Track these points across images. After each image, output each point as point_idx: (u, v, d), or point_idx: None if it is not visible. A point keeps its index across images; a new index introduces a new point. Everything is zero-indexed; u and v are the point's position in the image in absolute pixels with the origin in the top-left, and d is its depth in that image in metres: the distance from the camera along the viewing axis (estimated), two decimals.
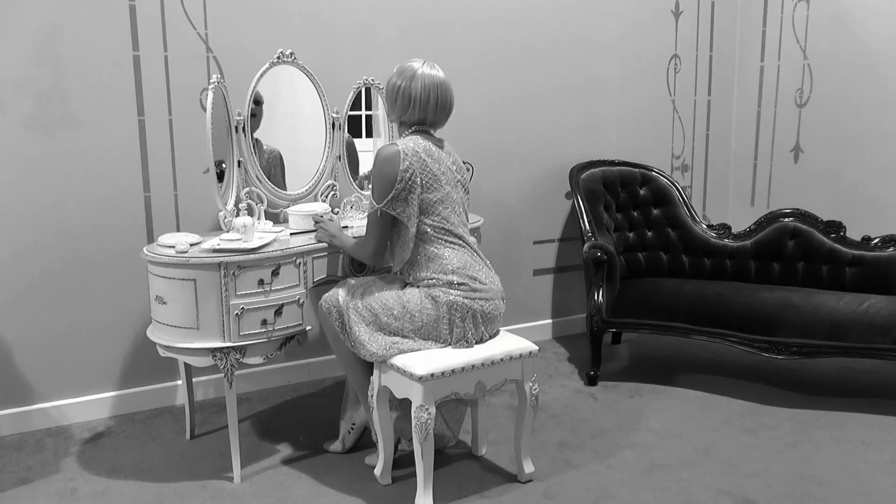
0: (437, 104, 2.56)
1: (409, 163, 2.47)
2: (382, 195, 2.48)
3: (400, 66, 2.59)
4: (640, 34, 4.24)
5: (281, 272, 2.64)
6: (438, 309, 2.49)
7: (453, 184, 2.60)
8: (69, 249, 3.06)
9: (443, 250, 2.54)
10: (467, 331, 2.51)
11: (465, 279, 2.52)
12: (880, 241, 3.54)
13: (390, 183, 2.47)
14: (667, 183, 4.03)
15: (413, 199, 2.49)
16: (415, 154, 2.49)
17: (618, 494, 2.56)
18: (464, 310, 2.49)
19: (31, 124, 2.95)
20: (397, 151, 2.48)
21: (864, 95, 4.01)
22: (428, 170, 2.51)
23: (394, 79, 2.58)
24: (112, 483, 2.67)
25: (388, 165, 2.47)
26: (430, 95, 2.53)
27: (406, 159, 2.47)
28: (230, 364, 2.58)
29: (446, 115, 2.62)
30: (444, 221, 2.54)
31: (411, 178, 2.47)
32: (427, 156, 2.51)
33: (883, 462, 2.77)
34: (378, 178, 2.50)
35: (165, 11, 3.10)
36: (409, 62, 2.58)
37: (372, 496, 2.56)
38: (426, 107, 2.55)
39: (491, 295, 2.56)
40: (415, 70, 2.54)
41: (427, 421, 2.37)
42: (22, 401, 3.08)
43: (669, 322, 3.46)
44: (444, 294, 2.49)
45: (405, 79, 2.54)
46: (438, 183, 2.53)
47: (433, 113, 2.57)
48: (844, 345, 3.17)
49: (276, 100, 3.10)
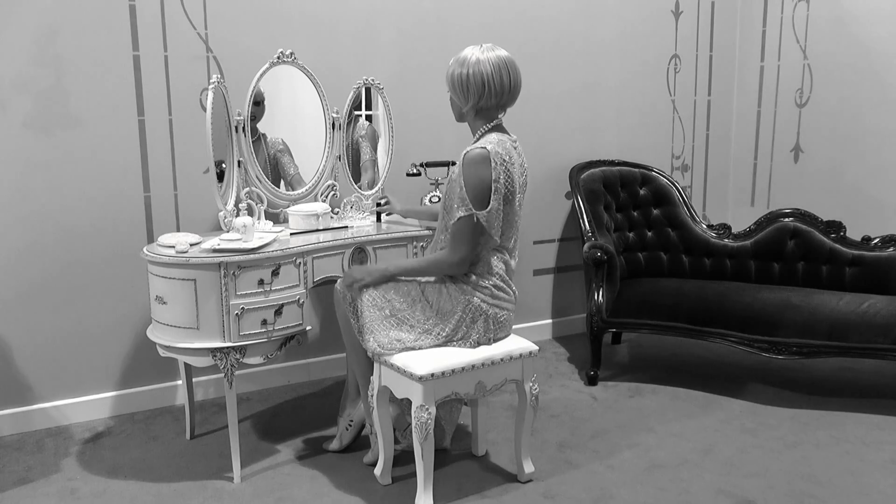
0: (510, 82, 2.48)
1: (498, 172, 2.40)
2: (481, 203, 2.40)
3: (456, 57, 2.50)
4: (640, 34, 4.24)
5: (281, 272, 2.64)
6: (455, 304, 2.49)
7: (522, 191, 2.55)
8: (69, 249, 3.06)
9: (493, 256, 2.51)
10: (475, 332, 2.51)
11: (490, 286, 2.50)
12: (880, 241, 3.54)
13: (487, 188, 2.39)
14: (667, 183, 4.03)
15: (500, 208, 2.44)
16: (503, 164, 2.41)
17: (618, 494, 2.56)
18: (477, 312, 2.49)
19: (31, 124, 2.95)
20: (487, 156, 2.39)
21: (864, 95, 4.01)
22: (511, 180, 2.44)
23: (457, 69, 2.47)
24: (112, 483, 2.67)
25: (484, 169, 2.39)
26: (501, 74, 2.45)
27: (496, 168, 2.40)
28: (230, 364, 2.58)
29: (517, 94, 2.54)
30: (509, 239, 2.52)
31: (498, 188, 2.42)
32: (510, 163, 2.44)
33: (883, 462, 2.77)
34: (473, 183, 2.40)
35: (165, 11, 3.10)
36: (465, 51, 2.48)
37: (372, 496, 2.56)
38: (501, 86, 2.46)
39: (509, 306, 2.57)
40: (476, 55, 2.46)
41: (427, 421, 2.37)
42: (22, 401, 3.08)
43: (669, 322, 3.46)
44: (467, 294, 2.48)
45: (469, 65, 2.45)
46: (513, 195, 2.47)
47: (507, 94, 2.49)
48: (844, 345, 3.17)
49: (277, 100, 3.11)
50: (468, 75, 2.45)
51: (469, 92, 2.47)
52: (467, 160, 2.41)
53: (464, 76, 2.46)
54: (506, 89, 2.48)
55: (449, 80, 2.52)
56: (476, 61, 2.45)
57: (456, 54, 2.52)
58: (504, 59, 2.47)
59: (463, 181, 2.42)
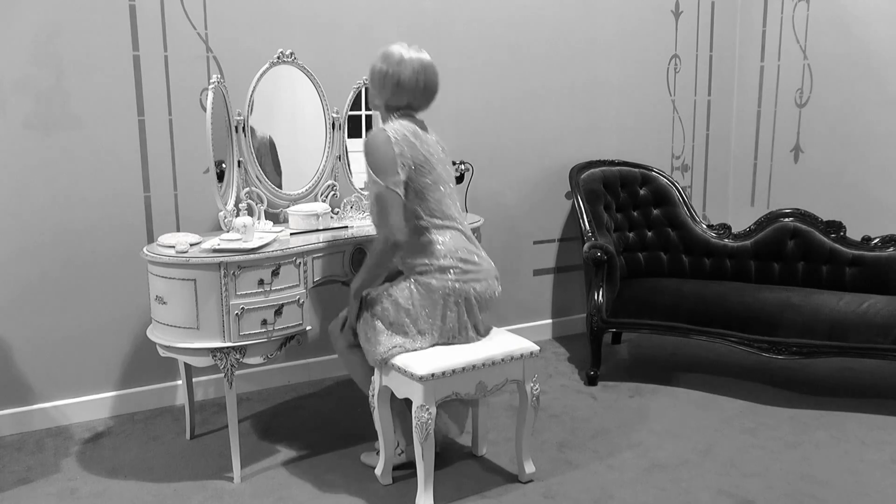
0: (424, 88, 2.55)
1: (401, 148, 2.46)
2: (389, 174, 2.44)
3: (384, 50, 2.56)
4: (640, 34, 4.24)
5: (281, 272, 2.64)
6: (433, 296, 2.49)
7: (443, 164, 2.60)
8: (69, 249, 3.06)
9: (435, 235, 2.53)
10: (462, 315, 2.51)
11: (456, 262, 2.51)
12: (880, 241, 3.54)
13: (392, 162, 2.44)
14: (667, 183, 4.03)
15: (409, 182, 2.48)
16: (405, 138, 2.48)
17: (618, 494, 2.56)
18: (457, 294, 2.49)
19: (31, 124, 2.95)
20: (388, 137, 2.46)
21: (864, 95, 4.01)
22: (419, 152, 2.49)
23: (379, 64, 2.54)
24: (112, 483, 2.67)
25: (385, 147, 2.45)
26: (418, 79, 2.52)
27: (397, 144, 2.46)
28: (230, 364, 2.58)
29: (432, 98, 2.61)
30: (438, 203, 2.54)
31: (404, 162, 2.46)
32: (415, 138, 2.50)
33: (883, 462, 2.77)
34: (379, 161, 2.45)
35: (165, 11, 3.10)
36: (393, 46, 2.55)
37: (372, 496, 2.56)
38: (414, 90, 2.53)
39: (483, 275, 2.56)
40: (401, 54, 2.52)
41: (427, 421, 2.37)
42: (22, 401, 3.08)
43: (669, 322, 3.46)
44: (439, 281, 2.49)
45: (392, 64, 2.51)
46: (430, 165, 2.52)
47: (420, 97, 2.56)
48: (844, 345, 3.17)
49: (276, 100, 3.10)
50: (386, 73, 2.52)
51: (385, 89, 2.54)
52: (365, 142, 2.50)
53: (382, 72, 2.53)
54: (419, 93, 2.55)
55: (370, 71, 2.58)
56: (398, 61, 2.51)
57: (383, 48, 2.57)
58: (425, 63, 2.54)
59: (366, 162, 2.48)
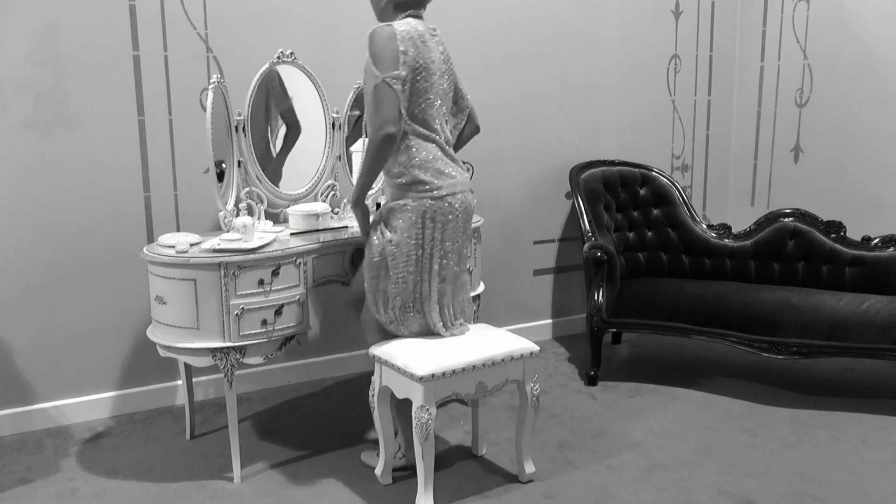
0: None
1: (405, 47, 2.45)
2: (388, 67, 2.44)
3: None
4: (640, 34, 4.24)
5: (281, 272, 2.64)
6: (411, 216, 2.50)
7: (440, 74, 2.59)
8: (69, 249, 3.06)
9: (414, 141, 2.52)
10: (436, 231, 2.52)
11: (430, 174, 2.51)
12: (880, 241, 3.54)
13: (394, 57, 2.44)
14: (667, 183, 4.03)
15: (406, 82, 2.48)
16: (410, 39, 2.46)
17: (618, 494, 2.56)
18: (433, 210, 2.51)
19: (31, 124, 2.95)
20: (394, 32, 2.45)
21: (864, 95, 4.01)
22: (421, 56, 2.48)
23: None
24: (112, 483, 2.67)
25: (390, 42, 2.44)
26: None
27: (402, 42, 2.45)
28: (230, 364, 2.58)
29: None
30: (423, 113, 2.53)
31: (405, 60, 2.45)
32: (421, 42, 2.50)
33: (883, 462, 2.77)
34: (380, 53, 2.45)
35: (165, 11, 3.10)
36: None
37: (372, 496, 2.56)
38: None
39: (459, 188, 2.57)
40: None
41: (427, 421, 2.37)
42: (22, 401, 3.08)
43: (669, 322, 3.46)
44: (415, 199, 2.50)
45: None
46: (428, 72, 2.51)
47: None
48: (844, 345, 3.17)
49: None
50: None
51: None
52: (374, 37, 2.47)
53: None
54: None
55: None
56: None
57: None
58: None
59: (369, 53, 2.47)
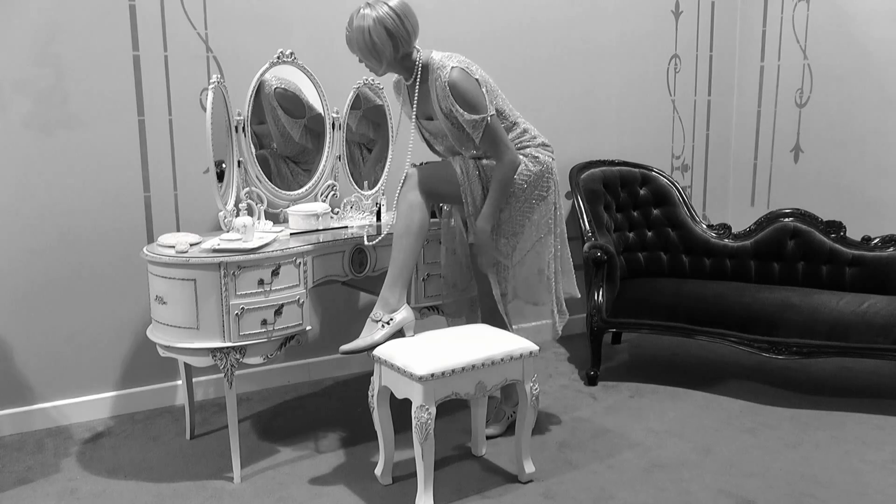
0: (411, 15, 2.65)
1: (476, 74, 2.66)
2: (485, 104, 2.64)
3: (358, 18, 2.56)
4: (640, 34, 4.24)
5: (281, 272, 2.64)
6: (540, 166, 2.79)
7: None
8: (69, 249, 3.06)
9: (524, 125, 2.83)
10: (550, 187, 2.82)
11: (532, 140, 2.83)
12: (880, 241, 3.54)
13: (482, 92, 2.65)
14: (667, 183, 4.03)
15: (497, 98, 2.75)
16: (468, 65, 2.66)
17: (618, 494, 2.56)
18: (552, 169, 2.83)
19: (31, 124, 2.95)
20: (464, 72, 2.62)
21: (864, 95, 4.01)
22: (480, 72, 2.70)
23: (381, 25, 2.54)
24: (112, 483, 2.67)
25: (469, 82, 2.62)
26: (406, 10, 2.62)
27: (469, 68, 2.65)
28: (230, 364, 2.58)
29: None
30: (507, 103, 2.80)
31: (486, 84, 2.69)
32: (471, 62, 2.70)
33: (883, 462, 2.77)
34: (472, 97, 2.61)
35: (165, 11, 3.10)
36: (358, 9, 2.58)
37: (372, 496, 2.56)
38: (414, 18, 2.64)
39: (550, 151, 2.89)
40: (383, 3, 2.57)
41: (427, 421, 2.37)
42: (22, 401, 3.08)
43: (669, 322, 3.46)
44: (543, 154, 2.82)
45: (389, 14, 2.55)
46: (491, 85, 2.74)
47: (415, 19, 2.66)
48: (844, 345, 3.17)
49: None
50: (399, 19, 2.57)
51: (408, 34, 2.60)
52: (451, 84, 2.59)
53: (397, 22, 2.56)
54: (416, 22, 2.64)
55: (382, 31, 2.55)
56: (388, 8, 2.56)
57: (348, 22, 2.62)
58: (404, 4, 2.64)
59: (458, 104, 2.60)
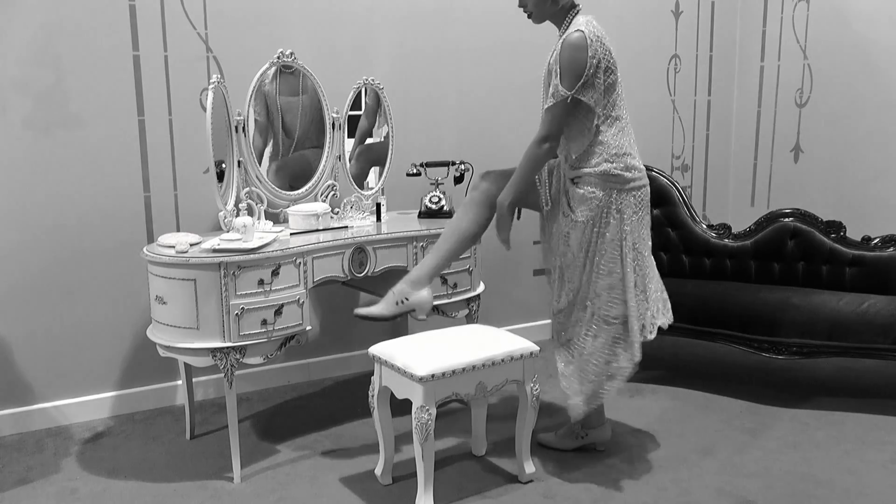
0: None
1: (595, 49, 2.50)
2: (573, 82, 2.51)
3: None
4: (639, 34, 4.24)
5: (281, 272, 2.64)
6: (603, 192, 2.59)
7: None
8: (69, 249, 3.06)
9: (605, 136, 2.59)
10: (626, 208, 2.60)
11: (619, 169, 2.58)
12: (880, 241, 3.54)
13: (581, 69, 2.50)
14: (667, 183, 4.02)
15: (599, 83, 2.54)
16: (598, 39, 2.52)
17: (618, 494, 2.56)
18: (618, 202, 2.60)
19: (31, 124, 2.95)
20: (583, 37, 2.50)
21: (864, 95, 4.01)
22: (608, 52, 2.55)
23: None
24: (112, 483, 2.67)
25: (579, 52, 2.49)
26: None
27: (591, 46, 2.50)
28: (230, 364, 2.58)
29: None
30: (614, 104, 2.61)
31: (598, 63, 2.52)
32: (604, 37, 2.56)
33: (883, 462, 2.77)
34: (568, 65, 2.51)
35: (165, 11, 3.10)
36: None
37: (372, 496, 2.56)
38: None
39: (643, 181, 2.66)
40: None
41: (427, 421, 2.37)
42: (22, 401, 3.08)
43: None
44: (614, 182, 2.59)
45: None
46: (615, 65, 2.59)
47: None
48: (844, 345, 3.17)
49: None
50: None
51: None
52: (566, 44, 2.51)
53: None
54: None
55: None
56: None
57: None
58: None
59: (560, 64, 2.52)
